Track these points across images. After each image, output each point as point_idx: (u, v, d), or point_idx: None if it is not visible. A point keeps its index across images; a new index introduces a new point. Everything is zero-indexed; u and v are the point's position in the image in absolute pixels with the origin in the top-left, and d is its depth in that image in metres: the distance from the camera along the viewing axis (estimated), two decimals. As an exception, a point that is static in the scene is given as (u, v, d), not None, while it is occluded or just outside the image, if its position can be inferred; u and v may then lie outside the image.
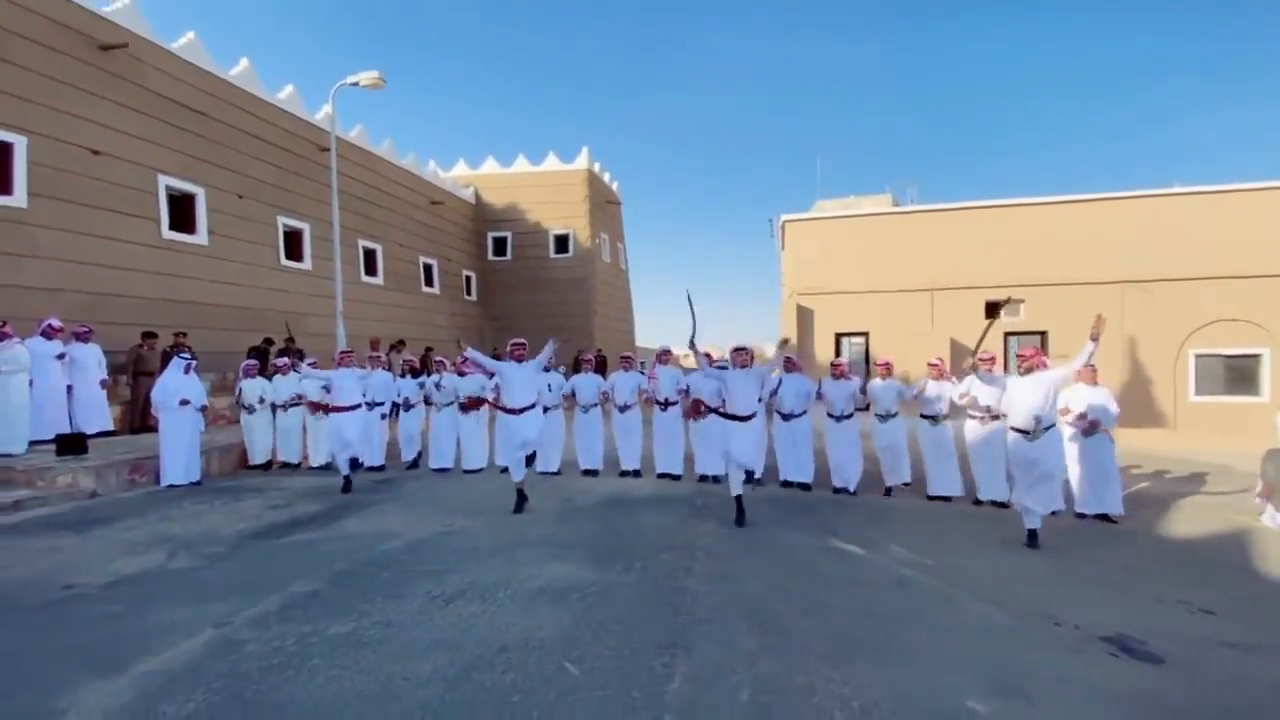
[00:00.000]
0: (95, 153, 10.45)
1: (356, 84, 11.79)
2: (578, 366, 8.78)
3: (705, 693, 2.83)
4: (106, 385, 8.94)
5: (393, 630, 3.44)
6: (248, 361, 9.27)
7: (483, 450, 8.60)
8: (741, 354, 6.00)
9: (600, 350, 18.80)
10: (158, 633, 3.40)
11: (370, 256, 17.50)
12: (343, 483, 7.20)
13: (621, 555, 4.80)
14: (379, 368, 8.78)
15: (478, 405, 8.29)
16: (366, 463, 8.35)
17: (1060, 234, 14.47)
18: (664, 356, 8.19)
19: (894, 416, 7.23)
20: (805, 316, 16.12)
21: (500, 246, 23.37)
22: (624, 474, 8.10)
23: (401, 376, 9.36)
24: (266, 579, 4.24)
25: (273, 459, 8.91)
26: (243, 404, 8.75)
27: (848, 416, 7.32)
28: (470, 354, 6.55)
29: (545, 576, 4.30)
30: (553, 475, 8.10)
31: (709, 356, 6.21)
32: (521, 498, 6.26)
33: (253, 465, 8.80)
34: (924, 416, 7.14)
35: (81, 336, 8.80)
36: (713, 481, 7.54)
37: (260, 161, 13.95)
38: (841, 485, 7.33)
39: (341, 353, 8.15)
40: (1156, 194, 14.20)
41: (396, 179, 18.78)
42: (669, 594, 4.04)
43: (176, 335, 9.82)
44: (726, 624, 3.59)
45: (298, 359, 9.14)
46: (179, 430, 7.57)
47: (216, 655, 3.14)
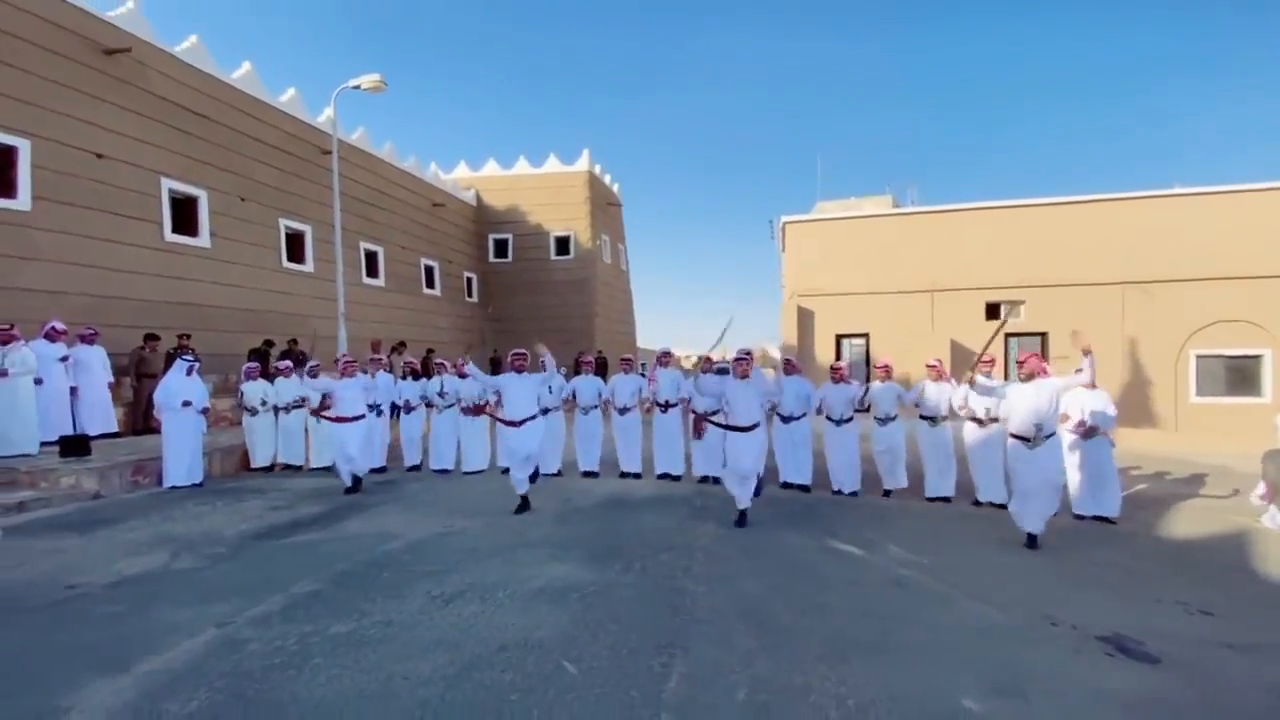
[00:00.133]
0: (99, 156, 10.51)
1: (358, 87, 11.84)
2: (578, 368, 8.79)
3: (702, 692, 2.85)
4: (112, 387, 8.99)
5: (393, 630, 3.46)
6: (249, 364, 9.30)
7: (483, 452, 8.63)
8: (742, 363, 5.87)
9: (600, 352, 18.81)
10: (160, 632, 3.43)
11: (372, 258, 17.56)
12: (350, 482, 7.29)
13: (620, 556, 4.83)
14: (380, 369, 8.79)
15: (479, 412, 8.32)
16: (367, 471, 8.34)
17: (1061, 235, 14.45)
18: (664, 359, 8.18)
19: (893, 420, 7.24)
20: (806, 318, 16.12)
21: (501, 248, 23.43)
22: (624, 475, 8.13)
23: (403, 378, 9.36)
24: (268, 579, 4.28)
25: (275, 461, 8.94)
26: (245, 406, 8.79)
27: (847, 421, 7.33)
28: (470, 370, 6.66)
29: (545, 577, 4.33)
30: (553, 476, 8.12)
31: (708, 360, 6.19)
32: (524, 502, 6.34)
33: (255, 467, 8.83)
34: (923, 417, 7.15)
35: (87, 339, 8.86)
36: (712, 482, 7.55)
37: (262, 164, 14.01)
38: (840, 488, 7.34)
39: (345, 361, 7.89)
40: (1157, 195, 14.17)
41: (398, 181, 18.84)
42: (667, 594, 4.06)
43: (179, 337, 9.87)
44: (724, 624, 3.61)
45: (299, 366, 9.06)
46: (181, 432, 7.61)
47: (219, 654, 3.17)
